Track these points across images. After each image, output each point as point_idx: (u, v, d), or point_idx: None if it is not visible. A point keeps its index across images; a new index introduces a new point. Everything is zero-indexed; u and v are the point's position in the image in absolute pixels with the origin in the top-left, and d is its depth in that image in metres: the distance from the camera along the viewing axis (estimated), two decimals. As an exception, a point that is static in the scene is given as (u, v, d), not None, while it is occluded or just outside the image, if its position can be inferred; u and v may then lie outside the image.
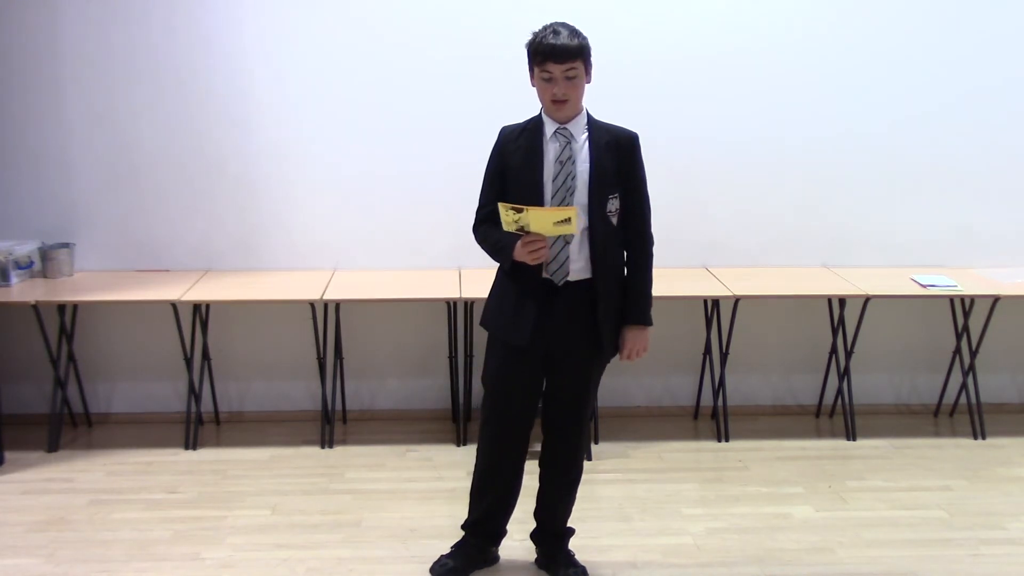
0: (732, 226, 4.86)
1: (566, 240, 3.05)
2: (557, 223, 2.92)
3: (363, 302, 4.63)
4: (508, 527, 3.44)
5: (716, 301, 4.66)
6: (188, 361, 4.59)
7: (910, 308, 4.96)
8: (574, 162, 3.03)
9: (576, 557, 3.42)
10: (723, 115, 4.74)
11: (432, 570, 3.40)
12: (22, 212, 4.67)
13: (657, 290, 4.41)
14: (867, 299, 4.55)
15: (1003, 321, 4.83)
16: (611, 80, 4.56)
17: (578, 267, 3.09)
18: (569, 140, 3.04)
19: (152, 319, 4.73)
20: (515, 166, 3.08)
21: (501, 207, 2.95)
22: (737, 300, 4.57)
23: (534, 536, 3.46)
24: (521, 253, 3.01)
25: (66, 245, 4.64)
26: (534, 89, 3.06)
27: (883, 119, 4.79)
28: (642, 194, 3.15)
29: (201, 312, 4.63)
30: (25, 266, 4.55)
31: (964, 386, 4.83)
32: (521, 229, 2.97)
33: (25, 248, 4.56)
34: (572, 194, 3.02)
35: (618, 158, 3.06)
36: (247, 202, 4.73)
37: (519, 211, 2.91)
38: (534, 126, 3.09)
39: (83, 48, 4.54)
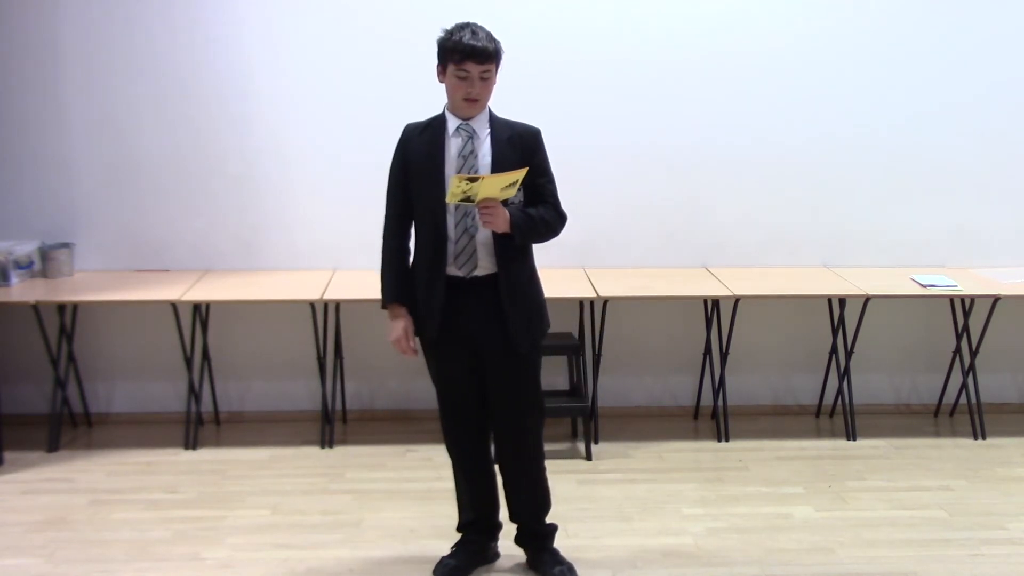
0: (732, 226, 4.86)
1: (470, 234, 3.09)
2: (504, 188, 3.00)
3: (363, 302, 4.61)
4: (501, 522, 3.44)
5: (716, 301, 4.66)
6: (188, 361, 4.60)
7: (910, 308, 4.96)
8: (476, 156, 3.10)
9: (562, 554, 3.39)
10: (723, 116, 4.74)
11: (435, 571, 3.38)
12: (22, 212, 4.67)
13: (657, 290, 4.50)
14: (867, 299, 4.55)
15: (1003, 321, 4.82)
16: (612, 80, 4.60)
17: (486, 262, 3.13)
18: (471, 135, 3.11)
19: (152, 319, 4.73)
20: (418, 161, 3.15)
21: (455, 179, 2.95)
22: (737, 300, 4.57)
23: (517, 540, 3.44)
24: (391, 330, 3.24)
25: (66, 245, 4.64)
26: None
27: (883, 119, 4.79)
28: (551, 183, 3.20)
29: (201, 312, 4.63)
30: (25, 266, 4.55)
31: (964, 386, 4.82)
32: (467, 199, 3.00)
33: (25, 248, 4.56)
34: None
35: (521, 152, 3.12)
36: (247, 202, 4.73)
37: (473, 180, 2.95)
38: (437, 123, 3.16)
39: (83, 48, 4.54)
